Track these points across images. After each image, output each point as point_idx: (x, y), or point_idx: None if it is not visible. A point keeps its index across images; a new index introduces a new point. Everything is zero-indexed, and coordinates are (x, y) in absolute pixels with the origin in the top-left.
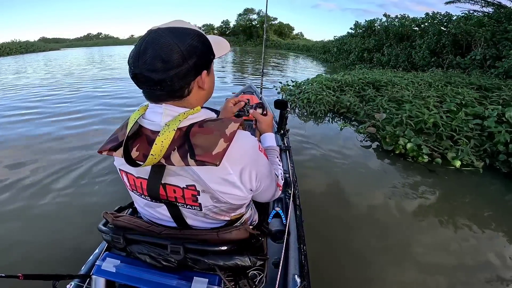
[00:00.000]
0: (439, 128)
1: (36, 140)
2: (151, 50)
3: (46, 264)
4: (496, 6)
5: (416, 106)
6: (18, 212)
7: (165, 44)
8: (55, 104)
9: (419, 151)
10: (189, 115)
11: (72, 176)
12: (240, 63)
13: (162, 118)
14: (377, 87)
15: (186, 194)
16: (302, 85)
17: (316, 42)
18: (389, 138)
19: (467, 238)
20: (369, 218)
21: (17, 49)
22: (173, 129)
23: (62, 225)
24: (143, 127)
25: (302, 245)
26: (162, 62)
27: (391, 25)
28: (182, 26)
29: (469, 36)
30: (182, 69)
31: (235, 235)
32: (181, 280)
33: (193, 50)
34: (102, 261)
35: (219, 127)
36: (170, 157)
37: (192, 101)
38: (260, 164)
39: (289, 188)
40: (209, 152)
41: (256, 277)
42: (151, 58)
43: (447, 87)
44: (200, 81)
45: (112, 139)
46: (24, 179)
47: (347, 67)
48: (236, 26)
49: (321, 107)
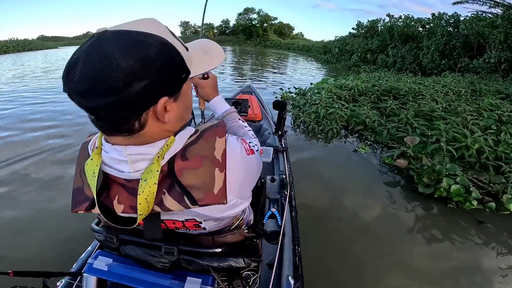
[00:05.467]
0: (482, 155)
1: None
2: (82, 63)
3: (36, 261)
4: (506, 7)
5: (452, 124)
6: (8, 210)
7: (101, 56)
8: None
9: (468, 195)
10: (164, 154)
11: (64, 172)
12: (239, 63)
13: (130, 167)
14: (395, 95)
15: (187, 224)
16: (307, 93)
17: (316, 42)
18: (428, 178)
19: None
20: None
21: (15, 47)
22: (153, 183)
23: (53, 222)
24: (110, 174)
25: (296, 247)
26: (92, 83)
27: (395, 25)
28: (141, 31)
29: (481, 37)
30: (122, 97)
31: (230, 239)
32: (174, 280)
33: (144, 69)
34: (94, 259)
35: (206, 152)
36: (164, 202)
37: (152, 134)
38: (252, 166)
39: (285, 189)
40: (210, 191)
41: (250, 278)
42: (79, 75)
43: (475, 96)
44: (157, 111)
45: (82, 197)
46: (14, 174)
47: (350, 68)
48: (236, 26)
49: (333, 125)
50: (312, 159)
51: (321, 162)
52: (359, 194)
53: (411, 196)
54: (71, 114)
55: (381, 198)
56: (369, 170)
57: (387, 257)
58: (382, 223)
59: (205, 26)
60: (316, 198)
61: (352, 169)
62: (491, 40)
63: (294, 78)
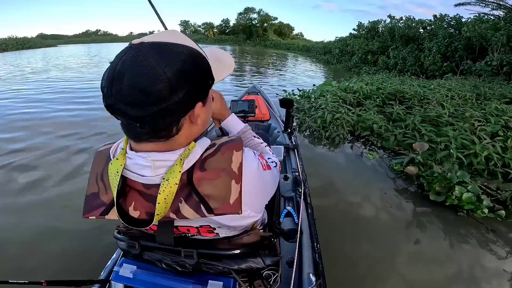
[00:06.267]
0: (490, 162)
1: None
2: (129, 75)
3: (63, 270)
4: (508, 9)
5: (460, 130)
6: (34, 219)
7: (148, 68)
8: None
9: (479, 204)
10: (185, 160)
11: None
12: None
13: (153, 172)
14: (400, 99)
15: (201, 230)
16: (311, 96)
17: (316, 43)
18: (439, 186)
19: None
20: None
21: (14, 45)
22: (174, 183)
23: (78, 231)
24: (129, 179)
25: (315, 244)
26: (142, 94)
27: (396, 26)
28: (172, 42)
29: (483, 40)
30: (169, 104)
31: (246, 240)
32: (196, 284)
33: (185, 78)
34: (119, 267)
35: (224, 165)
36: (180, 210)
37: (182, 140)
38: (266, 184)
39: (299, 186)
40: (226, 201)
41: (270, 277)
42: (127, 87)
43: (480, 100)
44: (193, 116)
45: (96, 202)
46: (36, 183)
47: (350, 69)
48: (236, 25)
49: (339, 131)
50: (319, 165)
51: (329, 169)
52: (369, 201)
53: (421, 203)
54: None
55: (392, 206)
56: (378, 177)
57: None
58: (394, 231)
59: (204, 26)
60: (324, 206)
61: (361, 175)
62: (493, 42)
63: (296, 79)
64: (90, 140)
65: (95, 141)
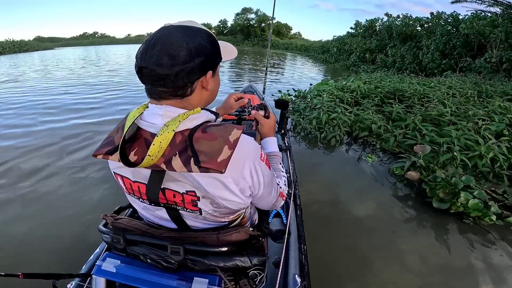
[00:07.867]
0: (495, 164)
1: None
2: (160, 45)
3: (45, 263)
4: (505, 6)
5: (463, 130)
6: (17, 212)
7: (175, 40)
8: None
9: (487, 210)
10: (189, 115)
11: (73, 174)
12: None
13: (163, 120)
14: (399, 97)
15: (186, 199)
16: (307, 95)
17: (314, 42)
18: (443, 193)
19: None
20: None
21: (11, 48)
22: (172, 129)
23: (62, 225)
24: (141, 129)
25: (302, 245)
26: (169, 57)
27: (394, 24)
28: (194, 26)
29: (482, 37)
30: (188, 66)
31: (235, 237)
32: (181, 280)
33: (202, 49)
34: (102, 261)
35: (223, 133)
36: (171, 162)
37: (194, 101)
38: (260, 173)
39: (289, 188)
40: (214, 159)
41: (256, 277)
42: (158, 52)
43: (481, 98)
44: (204, 81)
45: (108, 141)
46: (23, 177)
47: (349, 68)
48: (233, 26)
49: (336, 131)
50: (315, 169)
51: (324, 173)
52: (367, 209)
53: (424, 210)
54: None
55: (392, 213)
56: (377, 181)
57: (402, 274)
58: (395, 242)
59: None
60: (320, 215)
61: (359, 180)
62: (492, 39)
63: (293, 79)
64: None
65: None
